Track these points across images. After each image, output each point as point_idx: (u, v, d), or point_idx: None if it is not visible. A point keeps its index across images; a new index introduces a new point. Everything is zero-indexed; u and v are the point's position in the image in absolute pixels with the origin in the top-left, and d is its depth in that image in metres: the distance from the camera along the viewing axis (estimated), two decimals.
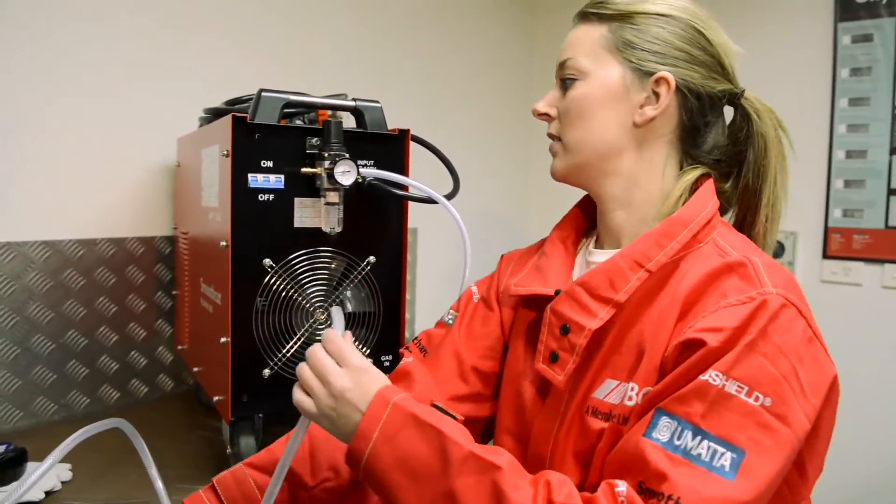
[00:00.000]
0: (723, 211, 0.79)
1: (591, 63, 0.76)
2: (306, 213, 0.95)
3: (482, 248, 2.28)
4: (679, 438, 0.58)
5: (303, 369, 0.70)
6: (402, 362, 0.89)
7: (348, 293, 1.00)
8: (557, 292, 0.75)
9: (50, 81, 1.24)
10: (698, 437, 0.58)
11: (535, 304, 0.80)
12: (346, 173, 0.90)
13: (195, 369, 1.16)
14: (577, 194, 0.89)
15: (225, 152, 0.91)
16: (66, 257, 1.27)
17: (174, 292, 1.39)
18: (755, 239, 0.78)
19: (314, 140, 0.93)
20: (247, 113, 0.92)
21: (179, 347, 1.33)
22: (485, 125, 2.20)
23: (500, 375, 0.86)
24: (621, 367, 0.69)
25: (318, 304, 0.97)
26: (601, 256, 0.78)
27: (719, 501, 0.55)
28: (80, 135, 1.28)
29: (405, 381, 0.85)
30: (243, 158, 0.90)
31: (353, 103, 1.00)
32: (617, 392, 0.68)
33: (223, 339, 0.93)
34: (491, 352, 0.87)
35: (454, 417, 0.72)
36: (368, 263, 1.00)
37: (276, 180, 0.92)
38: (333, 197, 0.93)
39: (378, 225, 1.01)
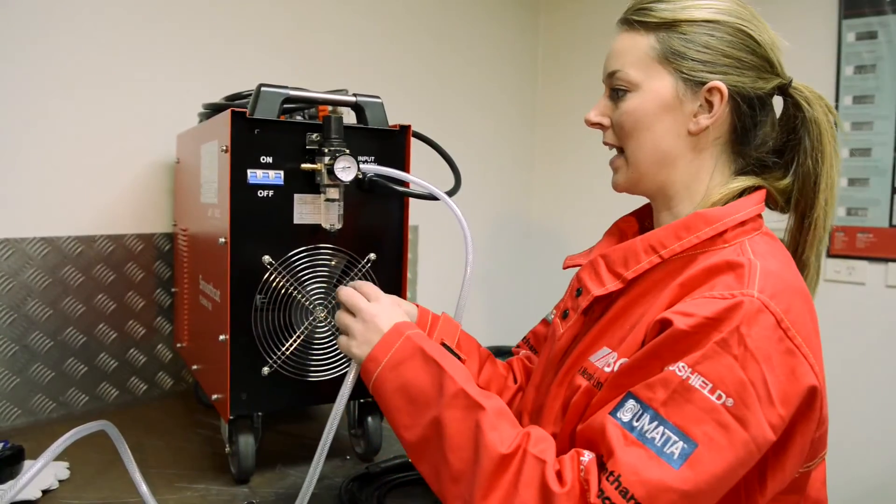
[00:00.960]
0: (784, 206, 0.81)
1: (642, 74, 0.77)
2: (306, 210, 0.94)
3: (484, 246, 2.28)
4: (638, 420, 0.61)
5: (339, 312, 0.81)
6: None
7: None
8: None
9: (48, 77, 1.23)
10: (655, 422, 0.60)
11: None
12: (346, 169, 0.89)
13: (194, 367, 1.15)
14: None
15: (224, 148, 0.90)
16: (64, 254, 1.26)
17: (173, 290, 1.38)
18: (815, 223, 0.78)
19: (314, 136, 0.92)
20: (246, 108, 0.91)
21: (178, 345, 1.32)
22: (487, 122, 2.19)
23: None
24: (617, 339, 0.74)
25: (317, 302, 0.96)
26: None
27: (656, 484, 0.57)
28: (78, 131, 1.27)
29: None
30: (242, 154, 0.89)
31: (353, 99, 0.99)
32: (605, 359, 0.73)
33: (222, 337, 0.92)
34: None
35: (459, 358, 0.79)
36: (369, 261, 0.99)
37: (275, 176, 0.91)
38: (334, 193, 0.92)
39: (379, 222, 1.00)
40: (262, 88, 0.92)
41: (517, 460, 0.64)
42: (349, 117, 1.03)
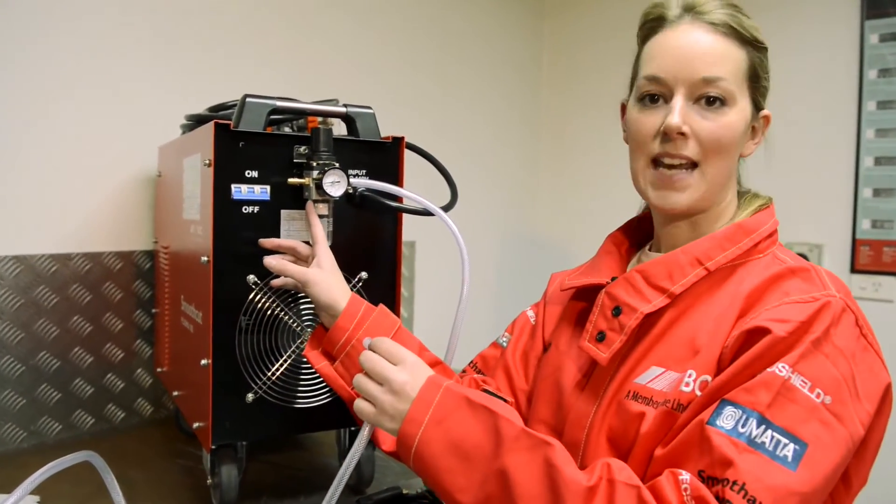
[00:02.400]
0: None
1: (737, 90, 0.78)
2: (294, 227, 0.96)
3: (487, 260, 2.30)
4: (744, 426, 0.63)
5: (359, 378, 0.76)
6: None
7: None
8: (614, 279, 0.83)
9: (21, 87, 1.26)
10: (763, 426, 0.63)
11: (587, 295, 0.88)
12: (336, 184, 0.91)
13: (175, 393, 1.17)
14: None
15: (207, 161, 0.92)
16: (37, 273, 1.28)
17: (154, 311, 1.40)
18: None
19: (302, 148, 0.95)
20: (230, 120, 0.93)
21: (159, 370, 1.34)
22: (490, 132, 2.21)
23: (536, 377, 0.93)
24: (669, 357, 0.75)
25: (306, 324, 0.97)
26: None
27: (782, 490, 0.60)
28: (54, 142, 1.30)
29: None
30: (227, 168, 0.92)
31: (343, 109, 1.01)
32: (662, 379, 0.74)
33: (204, 361, 0.93)
34: None
35: (505, 400, 0.80)
36: (360, 279, 1.01)
37: (261, 191, 0.93)
38: (323, 209, 0.94)
39: (370, 239, 1.02)
40: (248, 99, 0.94)
41: (605, 491, 0.63)
42: (339, 129, 1.05)
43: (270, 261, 0.91)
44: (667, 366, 0.74)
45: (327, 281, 0.89)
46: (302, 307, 0.97)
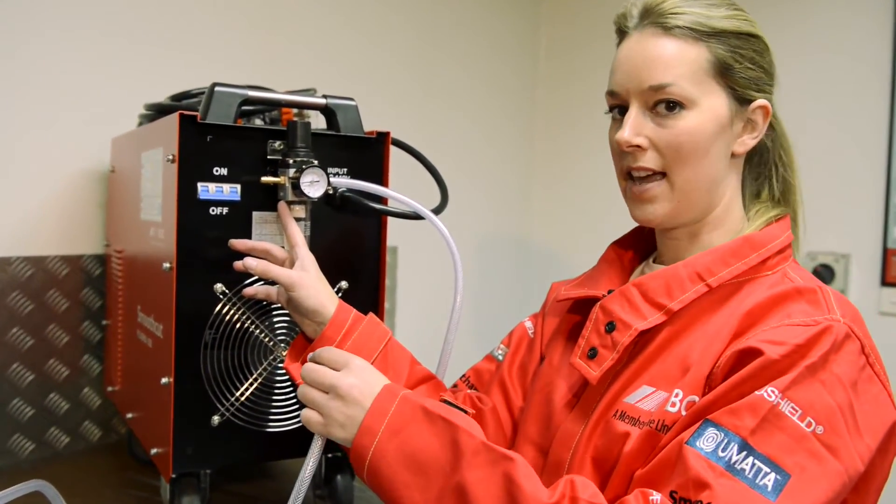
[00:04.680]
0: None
1: (698, 90, 0.81)
2: (266, 230, 0.98)
3: (475, 270, 2.32)
4: (724, 450, 0.66)
5: (303, 388, 0.81)
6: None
7: None
8: (610, 291, 0.87)
9: None
10: (744, 453, 0.66)
11: (584, 307, 0.92)
12: (314, 183, 0.93)
13: (129, 415, 1.18)
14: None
15: (170, 157, 0.94)
16: None
17: (104, 322, 1.41)
18: (798, 234, 0.92)
19: (277, 144, 0.97)
20: (197, 110, 0.95)
21: (110, 389, 1.35)
22: (480, 130, 2.24)
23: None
24: (661, 376, 0.79)
25: (279, 339, 0.99)
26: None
27: None
28: None
29: None
30: (192, 164, 0.93)
31: (323, 101, 1.03)
32: (652, 399, 0.78)
33: (164, 380, 0.95)
34: None
35: (465, 412, 0.82)
36: (340, 289, 1.03)
37: (230, 191, 0.95)
38: (299, 211, 0.96)
39: (352, 244, 1.04)
40: (217, 88, 0.96)
41: None
42: (318, 122, 1.07)
43: (251, 262, 0.92)
44: (658, 385, 0.78)
45: (314, 285, 0.92)
46: (275, 320, 0.99)
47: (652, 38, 0.83)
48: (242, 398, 0.98)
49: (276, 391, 1.00)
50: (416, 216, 1.00)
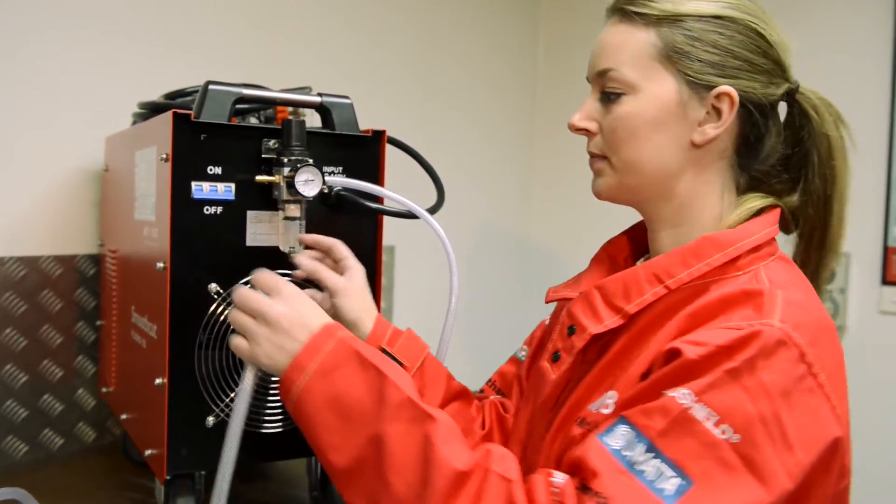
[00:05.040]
0: (792, 225, 0.88)
1: (640, 75, 0.80)
2: (261, 230, 0.97)
3: (475, 270, 2.32)
4: (630, 450, 0.65)
5: (233, 312, 0.82)
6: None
7: None
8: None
9: None
10: (650, 454, 0.64)
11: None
12: (309, 182, 0.93)
13: (123, 416, 1.17)
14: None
15: (164, 156, 0.94)
16: None
17: (99, 323, 1.40)
18: (830, 248, 0.87)
19: (272, 142, 0.96)
20: (191, 109, 0.94)
21: (104, 390, 1.34)
22: (479, 129, 2.24)
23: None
24: (622, 381, 0.77)
25: None
26: None
27: None
28: None
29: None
30: (186, 163, 0.93)
31: (318, 99, 1.03)
32: (605, 402, 0.77)
33: (158, 381, 0.94)
34: None
35: (401, 364, 0.82)
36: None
37: (225, 190, 0.95)
38: (294, 210, 0.96)
39: (347, 243, 1.03)
40: (210, 86, 0.96)
41: (477, 479, 0.67)
42: (313, 121, 1.07)
43: (304, 260, 0.94)
44: (619, 390, 0.77)
45: (358, 296, 0.94)
46: None
47: (612, 26, 0.83)
48: None
49: (271, 392, 0.99)
50: (412, 215, 1.00)
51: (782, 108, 0.86)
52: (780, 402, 0.64)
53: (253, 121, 1.11)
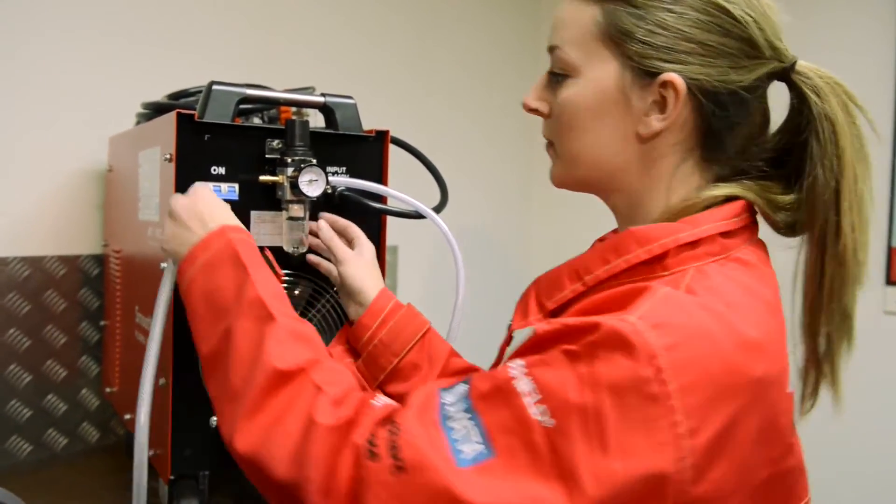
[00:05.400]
0: (783, 225, 0.75)
1: (583, 57, 0.72)
2: (265, 230, 0.98)
3: (475, 270, 2.31)
4: (454, 406, 0.63)
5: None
6: None
7: (314, 325, 1.02)
8: None
9: None
10: (467, 415, 0.61)
11: None
12: (313, 182, 0.93)
13: (127, 417, 1.18)
14: (593, 214, 0.93)
15: (168, 156, 0.94)
16: None
17: (102, 323, 1.41)
18: (843, 256, 0.70)
19: (275, 143, 0.97)
20: (195, 109, 0.95)
21: (108, 390, 1.35)
22: (480, 129, 2.24)
23: None
24: None
25: None
26: None
27: (429, 462, 0.58)
28: None
29: None
30: (190, 163, 0.93)
31: (321, 99, 1.03)
32: None
33: (162, 381, 0.95)
34: None
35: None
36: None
37: (228, 190, 0.95)
38: (298, 210, 0.96)
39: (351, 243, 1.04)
40: (214, 86, 0.96)
41: (295, 382, 0.67)
42: (317, 121, 1.07)
43: (324, 228, 0.98)
44: None
45: (363, 266, 0.97)
46: None
47: (562, 0, 0.76)
48: None
49: None
50: (417, 215, 1.00)
51: (783, 90, 0.75)
52: (609, 399, 0.56)
53: (256, 121, 1.11)
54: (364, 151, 1.04)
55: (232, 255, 0.78)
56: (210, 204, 0.85)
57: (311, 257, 1.00)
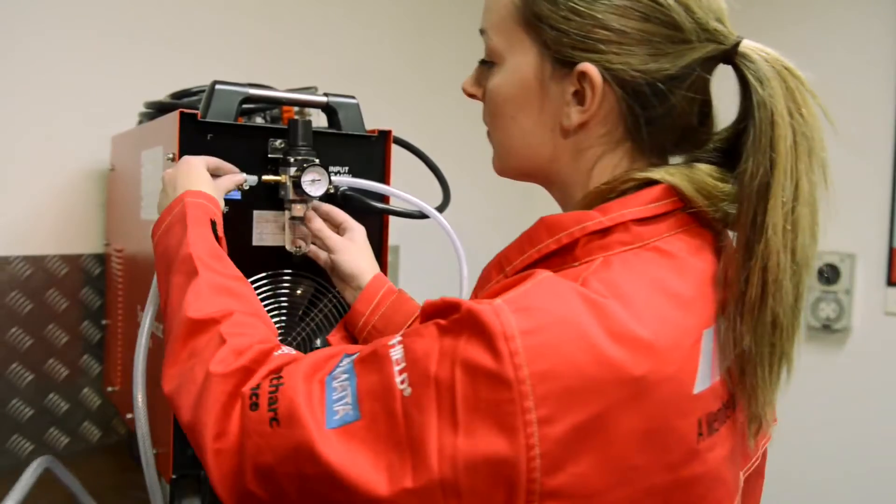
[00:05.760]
0: (721, 221, 0.68)
1: (505, 43, 0.69)
2: (267, 230, 0.98)
3: (477, 271, 2.31)
4: (340, 366, 0.62)
5: None
6: None
7: (316, 325, 1.02)
8: None
9: None
10: (347, 375, 0.61)
11: None
12: (315, 182, 0.93)
13: (129, 416, 1.18)
14: None
15: (170, 155, 0.94)
16: None
17: (104, 322, 1.41)
18: (767, 261, 0.62)
19: (278, 142, 0.97)
20: (197, 109, 0.95)
21: (109, 389, 1.35)
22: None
23: None
24: None
25: (279, 338, 0.99)
26: None
27: (301, 419, 0.59)
28: None
29: None
30: None
31: (324, 99, 1.03)
32: None
33: None
34: None
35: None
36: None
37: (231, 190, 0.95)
38: (300, 210, 0.96)
39: None
40: (217, 86, 0.96)
41: (204, 332, 0.70)
42: (319, 120, 1.07)
43: (314, 220, 0.98)
44: None
45: (355, 252, 0.98)
46: (275, 321, 0.99)
47: None
48: None
49: None
50: (421, 215, 1.01)
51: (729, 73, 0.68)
52: (462, 376, 0.54)
53: (259, 121, 1.11)
54: (366, 151, 1.04)
55: (181, 217, 0.82)
56: (186, 172, 0.88)
57: (312, 248, 1.01)
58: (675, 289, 0.62)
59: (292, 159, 0.94)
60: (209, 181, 0.89)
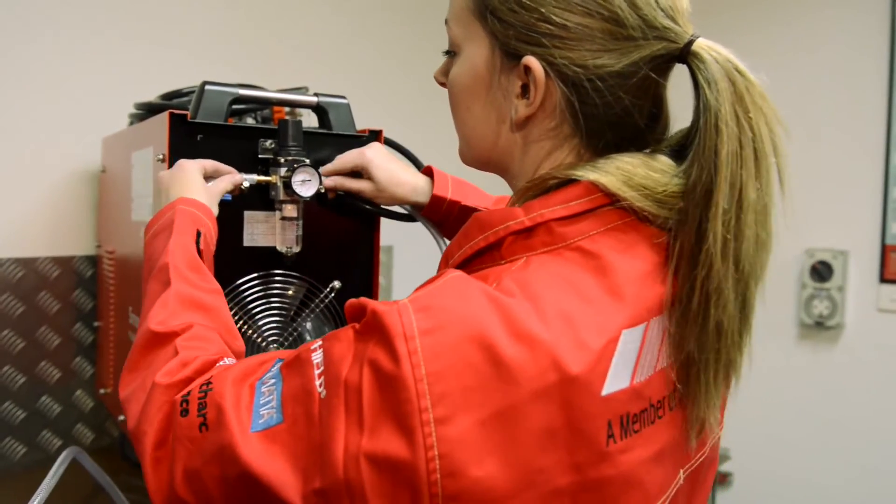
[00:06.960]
0: (660, 222, 0.65)
1: (462, 33, 0.70)
2: (258, 230, 0.98)
3: None
4: (270, 371, 0.63)
5: None
6: None
7: (308, 325, 1.02)
8: None
9: None
10: (274, 380, 0.62)
11: None
12: (306, 183, 0.93)
13: (121, 418, 1.18)
14: None
15: (161, 156, 0.94)
16: None
17: (96, 324, 1.41)
18: (709, 269, 0.61)
19: (268, 143, 0.97)
20: (187, 109, 0.95)
21: (102, 391, 1.35)
22: None
23: None
24: None
25: (271, 339, 0.99)
26: None
27: (224, 429, 0.59)
28: None
29: None
30: None
31: (314, 99, 1.03)
32: None
33: None
34: None
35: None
36: (333, 289, 1.03)
37: None
38: (291, 210, 0.96)
39: (344, 244, 1.04)
40: (207, 86, 0.96)
41: (162, 345, 0.71)
42: (310, 121, 1.07)
43: (329, 177, 1.00)
44: None
45: (382, 180, 1.00)
46: (266, 321, 0.99)
47: None
48: None
49: None
50: (410, 218, 1.01)
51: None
52: (368, 377, 0.55)
53: (250, 121, 1.11)
54: None
55: (169, 224, 0.83)
56: (180, 178, 0.89)
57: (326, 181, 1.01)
58: (591, 289, 0.60)
59: (283, 160, 0.94)
60: (202, 187, 0.89)
